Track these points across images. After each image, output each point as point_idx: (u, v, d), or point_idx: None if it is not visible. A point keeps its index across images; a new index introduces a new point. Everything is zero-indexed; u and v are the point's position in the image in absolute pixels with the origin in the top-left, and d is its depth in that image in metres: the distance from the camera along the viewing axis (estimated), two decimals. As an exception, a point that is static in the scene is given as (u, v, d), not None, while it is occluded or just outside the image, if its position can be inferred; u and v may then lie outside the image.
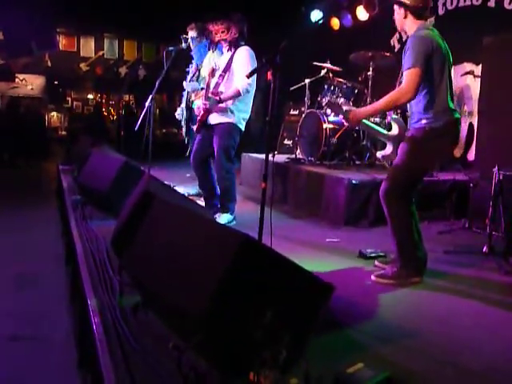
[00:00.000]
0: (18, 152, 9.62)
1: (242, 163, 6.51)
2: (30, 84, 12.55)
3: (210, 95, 4.09)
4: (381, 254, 3.40)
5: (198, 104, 4.38)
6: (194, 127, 4.34)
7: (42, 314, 2.76)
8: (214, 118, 4.14)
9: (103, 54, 11.91)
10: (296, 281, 1.81)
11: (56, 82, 13.31)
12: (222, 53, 4.37)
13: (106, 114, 13.32)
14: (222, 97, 4.04)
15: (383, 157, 3.34)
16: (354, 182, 4.40)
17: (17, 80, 12.24)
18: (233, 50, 4.13)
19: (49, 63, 11.52)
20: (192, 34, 5.01)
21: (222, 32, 4.09)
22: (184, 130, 5.13)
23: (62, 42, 11.63)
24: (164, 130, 12.37)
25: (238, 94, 4.02)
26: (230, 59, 4.11)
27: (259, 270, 1.68)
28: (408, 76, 2.79)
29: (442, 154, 3.14)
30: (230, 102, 4.08)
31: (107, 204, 3.97)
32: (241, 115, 4.15)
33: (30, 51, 10.00)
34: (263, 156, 2.75)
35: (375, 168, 5.15)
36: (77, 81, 12.67)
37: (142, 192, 2.66)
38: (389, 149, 3.22)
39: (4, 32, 10.27)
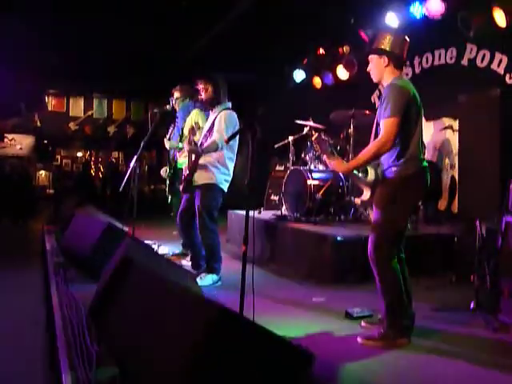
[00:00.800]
0: (4, 211, 9.54)
1: (228, 221, 6.49)
2: (19, 143, 12.63)
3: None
4: (367, 314, 3.35)
5: (185, 165, 4.43)
6: (180, 186, 4.36)
7: (19, 375, 2.64)
8: (198, 179, 4.18)
9: (92, 114, 12.11)
10: (275, 352, 1.77)
11: (45, 141, 13.44)
12: (207, 114, 4.48)
13: (93, 172, 13.39)
14: (203, 148, 4.10)
15: (362, 202, 3.31)
16: (339, 238, 4.40)
17: (5, 140, 12.33)
18: (216, 112, 4.23)
19: (38, 123, 11.67)
20: (177, 95, 5.16)
21: (206, 91, 4.21)
22: (167, 188, 5.15)
23: (52, 102, 11.84)
24: (152, 187, 12.40)
25: (215, 146, 4.06)
26: (213, 121, 4.21)
27: (235, 343, 1.64)
28: (387, 125, 2.80)
29: (415, 201, 3.17)
30: (211, 162, 4.12)
31: (89, 268, 3.91)
32: (222, 177, 4.22)
33: (19, 112, 10.16)
34: (251, 214, 2.75)
35: (360, 223, 5.17)
36: (66, 140, 12.80)
37: (120, 257, 2.63)
38: (366, 194, 3.21)
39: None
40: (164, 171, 5.23)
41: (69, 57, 8.85)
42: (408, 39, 3.05)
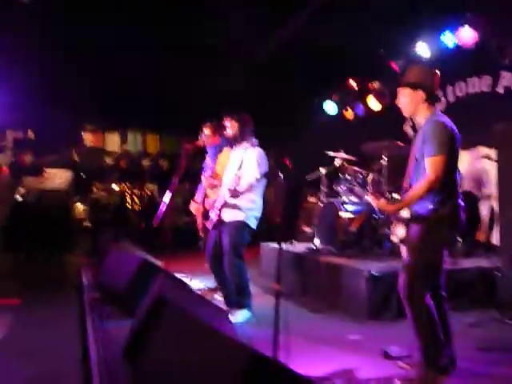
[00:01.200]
0: (42, 244, 9.80)
1: (261, 253, 6.47)
2: (58, 177, 13.05)
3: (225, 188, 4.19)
4: (405, 354, 3.24)
5: (210, 200, 4.47)
6: (208, 223, 4.39)
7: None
8: (226, 215, 4.21)
9: (127, 148, 12.43)
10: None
11: (82, 175, 13.83)
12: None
13: (129, 204, 13.62)
14: (240, 191, 4.11)
15: (401, 241, 3.22)
16: (374, 273, 4.32)
17: (44, 174, 12.75)
18: (241, 149, 4.28)
19: (76, 158, 12.04)
20: (207, 131, 5.24)
21: (233, 127, 4.28)
22: (200, 225, 5.19)
23: (89, 138, 12.23)
24: (186, 219, 12.49)
25: (249, 188, 4.12)
26: (241, 160, 4.25)
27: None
28: (434, 164, 2.77)
29: (449, 240, 3.08)
30: (241, 200, 4.16)
31: (125, 304, 3.95)
32: (251, 213, 4.24)
33: (58, 149, 10.52)
34: (282, 246, 2.74)
35: (396, 256, 5.03)
36: (102, 173, 13.13)
37: (154, 296, 2.65)
38: (401, 231, 3.13)
39: (34, 131, 10.92)
40: (193, 206, 5.29)
41: (104, 94, 9.17)
42: (438, 72, 3.04)
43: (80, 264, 6.94)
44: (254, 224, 4.25)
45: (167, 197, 4.84)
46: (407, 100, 2.99)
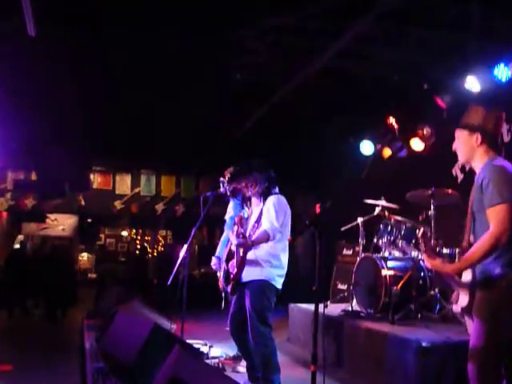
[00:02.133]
0: (42, 298, 9.79)
1: (289, 316, 6.33)
2: (62, 224, 13.21)
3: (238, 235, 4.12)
4: None
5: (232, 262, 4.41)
6: (229, 288, 4.31)
7: None
8: (246, 275, 4.13)
9: (139, 191, 12.52)
10: None
11: (89, 221, 13.97)
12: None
13: (140, 254, 13.63)
14: (253, 240, 4.05)
15: (462, 310, 3.03)
16: (424, 344, 4.13)
17: (48, 220, 12.92)
18: (262, 199, 4.25)
19: (82, 202, 12.18)
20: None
21: (251, 186, 4.26)
22: (222, 282, 5.10)
23: (97, 179, 12.39)
24: (203, 270, 12.40)
25: (266, 236, 4.04)
26: (261, 212, 4.22)
27: None
28: (498, 214, 2.65)
29: None
30: (261, 255, 4.09)
31: (133, 378, 3.84)
32: (274, 271, 4.14)
33: (62, 193, 10.69)
34: (313, 307, 2.66)
35: (449, 323, 4.86)
36: (111, 218, 13.23)
37: (169, 377, 2.55)
38: (464, 299, 2.95)
39: (37, 172, 11.11)
40: (215, 264, 5.22)
41: (114, 133, 9.32)
42: (503, 115, 2.97)
43: (83, 325, 6.87)
44: (279, 283, 4.15)
45: (183, 250, 4.77)
46: (462, 143, 2.93)
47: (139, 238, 14.80)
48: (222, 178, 5.29)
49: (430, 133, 6.68)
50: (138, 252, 13.62)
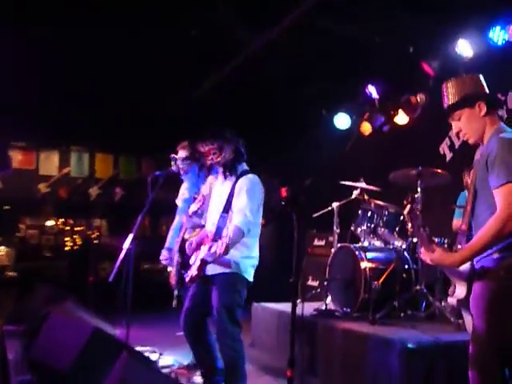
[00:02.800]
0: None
1: (252, 317, 6.37)
2: (-29, 211, 12.78)
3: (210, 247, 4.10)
4: None
5: (192, 241, 4.40)
6: (187, 275, 4.28)
7: None
8: (212, 267, 4.11)
9: (69, 172, 12.25)
10: None
11: (6, 207, 13.57)
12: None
13: (70, 248, 13.42)
14: (227, 242, 4.00)
15: (459, 303, 3.09)
16: (410, 345, 4.23)
17: (-46, 208, 12.48)
18: (233, 179, 4.23)
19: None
20: (182, 154, 5.18)
21: (214, 154, 4.24)
22: (175, 278, 5.09)
23: (18, 158, 12.03)
24: (146, 266, 12.33)
25: (240, 234, 4.03)
26: (231, 193, 4.19)
27: None
28: (507, 195, 2.66)
29: None
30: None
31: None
32: (247, 262, 4.16)
33: (-26, 172, 10.32)
34: (283, 307, 2.68)
35: (436, 321, 5.00)
36: (34, 205, 12.90)
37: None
38: (461, 290, 3.03)
39: None
40: (166, 257, 5.20)
41: (39, 101, 9.06)
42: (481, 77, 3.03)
43: (2, 332, 6.71)
44: (250, 275, 4.19)
45: (128, 241, 4.71)
46: (465, 123, 2.95)
47: (68, 228, 14.51)
48: (173, 155, 5.29)
49: (420, 102, 6.78)
50: (67, 246, 13.37)
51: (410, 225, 3.21)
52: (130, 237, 4.69)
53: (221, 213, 4.17)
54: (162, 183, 4.92)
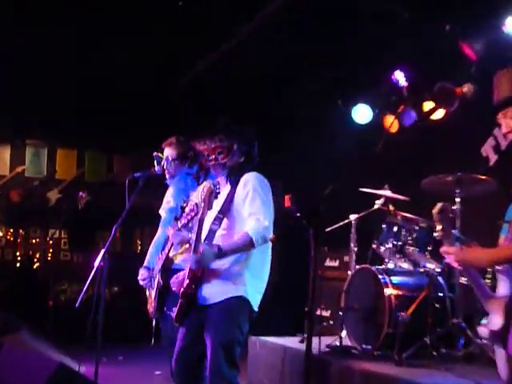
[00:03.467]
0: None
1: (249, 353, 6.37)
2: None
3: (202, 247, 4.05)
4: None
5: (175, 276, 4.35)
6: (172, 313, 4.25)
7: None
8: (209, 292, 4.07)
9: (23, 171, 12.23)
10: None
11: None
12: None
13: (22, 262, 13.39)
14: (223, 247, 3.97)
15: (492, 335, 3.11)
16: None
17: None
18: (232, 182, 4.20)
19: None
20: (170, 152, 5.17)
21: (220, 153, 4.18)
22: (154, 304, 5.07)
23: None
24: (116, 289, 12.30)
25: (249, 244, 3.96)
26: (230, 195, 4.15)
27: None
28: None
29: None
30: (234, 260, 4.05)
31: None
32: (253, 285, 4.09)
33: None
34: (288, 342, 2.69)
35: (476, 363, 4.99)
36: (-23, 211, 12.86)
37: None
38: (497, 320, 3.04)
39: None
40: (144, 277, 5.17)
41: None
42: None
43: None
44: (257, 304, 4.10)
45: (99, 257, 4.70)
46: None
47: (20, 241, 14.45)
48: (157, 153, 5.28)
49: (466, 93, 6.78)
50: (18, 262, 13.30)
51: (439, 227, 3.23)
52: (101, 253, 4.70)
53: (217, 213, 4.13)
54: (141, 187, 4.95)
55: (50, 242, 12.63)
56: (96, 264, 4.65)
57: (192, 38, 8.03)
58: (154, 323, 5.11)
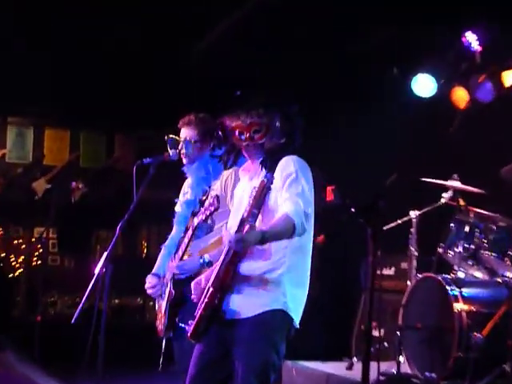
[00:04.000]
0: None
1: (283, 381, 6.35)
2: None
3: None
4: None
5: (197, 279, 4.35)
6: (188, 326, 4.24)
7: None
8: (241, 304, 4.05)
9: (4, 156, 12.31)
10: None
11: None
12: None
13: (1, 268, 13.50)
14: (266, 231, 3.92)
15: None
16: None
17: None
18: (267, 168, 4.16)
19: None
20: (189, 133, 5.15)
21: (256, 132, 4.14)
22: (164, 319, 5.08)
23: None
24: (117, 301, 12.38)
25: (290, 229, 3.90)
26: (265, 184, 4.11)
27: None
28: None
29: None
30: (269, 262, 4.02)
31: None
32: (299, 294, 4.06)
33: None
34: (331, 367, 2.67)
35: None
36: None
37: None
38: None
39: None
40: (153, 284, 5.18)
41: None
42: None
43: None
44: (298, 318, 4.03)
45: (100, 263, 4.72)
46: None
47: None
48: (170, 136, 5.26)
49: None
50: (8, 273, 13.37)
51: None
52: (103, 258, 4.71)
53: (251, 208, 4.08)
54: (152, 176, 4.95)
55: (37, 243, 12.70)
56: (97, 271, 4.67)
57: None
58: (163, 343, 5.16)
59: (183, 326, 4.40)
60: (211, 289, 4.05)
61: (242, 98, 4.31)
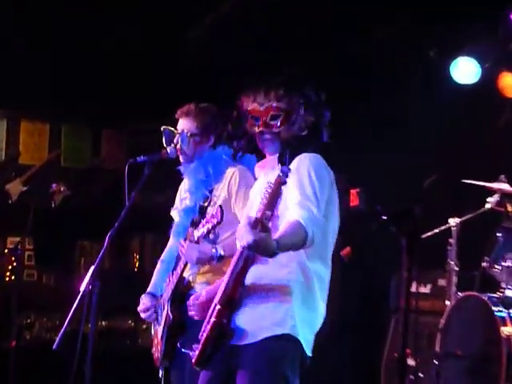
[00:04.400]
0: None
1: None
2: None
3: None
4: None
5: (194, 296, 4.38)
6: (192, 352, 4.25)
7: None
8: (247, 325, 4.05)
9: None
10: None
11: None
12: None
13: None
14: (279, 240, 3.91)
15: None
16: None
17: None
18: (280, 165, 4.16)
19: None
20: (187, 124, 5.16)
21: (275, 118, 4.13)
22: (161, 346, 5.09)
23: None
24: (104, 323, 12.43)
25: (302, 238, 3.89)
26: (280, 180, 4.11)
27: None
28: None
29: None
30: (279, 277, 4.02)
31: None
32: (310, 319, 4.08)
33: None
34: None
35: None
36: None
37: None
38: None
39: None
40: (148, 306, 5.20)
41: None
42: None
43: None
44: (310, 346, 4.06)
45: (86, 279, 4.73)
46: None
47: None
48: (165, 127, 5.27)
49: None
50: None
51: None
52: (90, 272, 4.72)
53: (265, 209, 4.06)
54: (147, 177, 4.96)
55: (10, 255, 12.76)
56: (82, 288, 4.68)
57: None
58: (160, 373, 5.18)
59: (186, 351, 4.41)
60: (218, 306, 4.05)
61: (263, 79, 4.30)
